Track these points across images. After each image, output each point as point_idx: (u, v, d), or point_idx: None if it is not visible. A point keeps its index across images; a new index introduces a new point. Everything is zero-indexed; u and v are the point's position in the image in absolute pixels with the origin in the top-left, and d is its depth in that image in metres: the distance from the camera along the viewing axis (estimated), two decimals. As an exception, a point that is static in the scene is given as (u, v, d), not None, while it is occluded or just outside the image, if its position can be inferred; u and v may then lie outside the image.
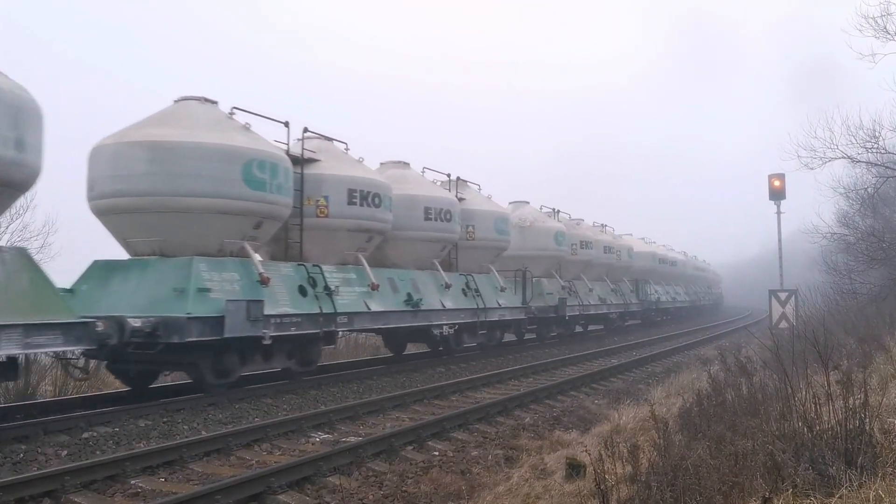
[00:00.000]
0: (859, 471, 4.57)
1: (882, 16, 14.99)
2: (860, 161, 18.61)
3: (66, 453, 7.81)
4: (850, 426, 4.91)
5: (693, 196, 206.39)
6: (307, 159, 14.17)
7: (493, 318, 18.62)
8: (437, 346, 17.62)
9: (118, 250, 12.30)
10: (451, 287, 17.19)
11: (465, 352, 18.18)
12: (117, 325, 9.84)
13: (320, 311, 12.73)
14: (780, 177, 19.83)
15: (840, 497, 4.28)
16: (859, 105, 35.00)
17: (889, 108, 34.37)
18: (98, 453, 7.80)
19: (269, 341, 11.48)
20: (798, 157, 18.24)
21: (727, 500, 4.28)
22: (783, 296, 17.10)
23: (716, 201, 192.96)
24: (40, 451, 7.83)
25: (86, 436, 8.54)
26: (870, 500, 4.15)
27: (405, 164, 18.13)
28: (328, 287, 13.18)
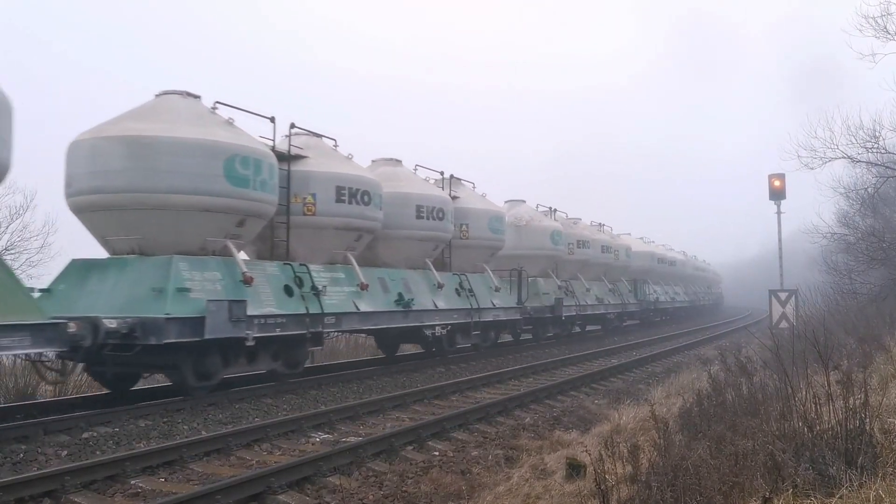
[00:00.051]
0: (859, 471, 4.57)
1: (882, 16, 15.01)
2: (860, 161, 18.63)
3: (66, 453, 7.80)
4: (851, 426, 4.91)
5: (693, 196, 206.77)
6: (294, 156, 13.83)
7: (488, 319, 18.30)
8: (431, 347, 17.31)
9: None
10: (443, 287, 16.88)
11: (458, 353, 17.81)
12: (91, 326, 9.50)
13: (307, 311, 12.42)
14: (780, 177, 19.86)
15: (840, 497, 4.28)
16: (859, 105, 35.17)
17: (889, 107, 34.37)
18: (98, 453, 7.80)
19: (252, 343, 11.13)
20: (798, 157, 18.26)
21: (727, 500, 4.28)
22: (783, 296, 17.11)
23: (716, 201, 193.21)
24: (40, 451, 7.83)
25: (86, 436, 8.54)
26: (870, 500, 4.15)
27: (397, 161, 17.79)
28: (315, 287, 12.85)
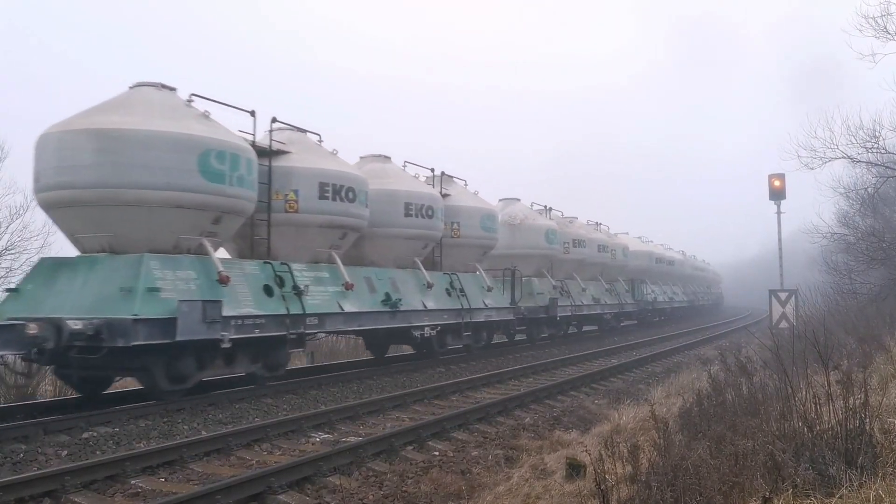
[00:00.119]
0: (859, 471, 4.58)
1: (882, 16, 14.99)
2: (860, 161, 18.61)
3: (66, 453, 7.80)
4: (851, 426, 4.91)
5: (693, 196, 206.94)
6: (276, 151, 13.38)
7: (479, 319, 17.97)
8: (421, 349, 16.93)
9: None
10: (433, 286, 16.47)
11: (449, 354, 17.45)
12: (54, 327, 9.14)
13: (287, 312, 11.98)
14: (780, 177, 19.86)
15: (840, 497, 4.29)
16: (859, 105, 35.24)
17: (889, 107, 34.46)
18: (98, 453, 7.80)
19: (228, 345, 10.69)
20: (798, 156, 18.24)
21: (727, 500, 4.28)
22: (783, 296, 17.12)
23: (716, 201, 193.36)
24: (40, 451, 7.83)
25: (86, 436, 8.54)
26: (870, 500, 4.16)
27: (386, 157, 17.41)
28: (297, 286, 12.42)
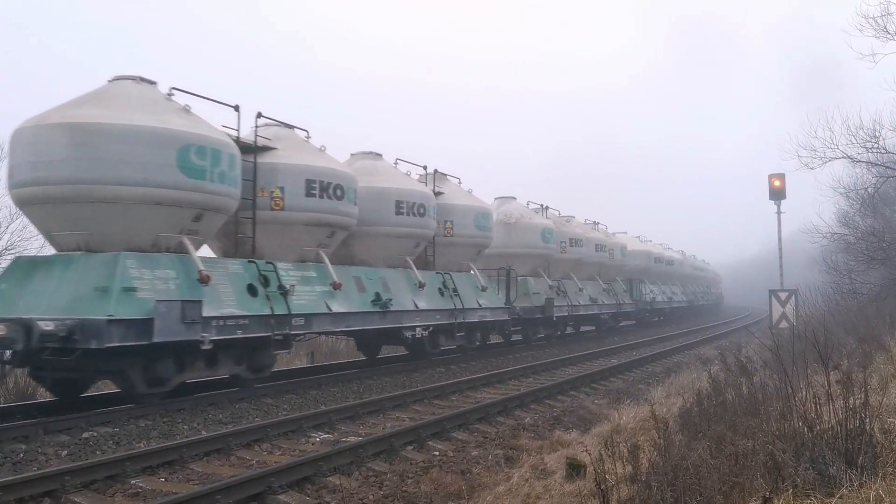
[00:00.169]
0: (859, 471, 4.58)
1: (882, 16, 14.97)
2: (860, 161, 18.60)
3: (66, 453, 7.80)
4: (851, 426, 4.91)
5: (693, 196, 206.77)
6: (261, 147, 13.01)
7: (473, 320, 17.64)
8: (414, 350, 16.57)
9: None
10: (425, 286, 16.17)
11: (441, 355, 17.09)
12: (23, 328, 8.85)
13: (272, 312, 11.64)
14: (780, 177, 19.86)
15: (840, 497, 4.29)
16: (859, 105, 35.30)
17: (889, 107, 34.47)
18: (98, 453, 7.80)
19: (209, 346, 10.36)
20: (798, 156, 18.22)
21: (727, 500, 4.28)
22: (783, 296, 17.14)
23: (716, 201, 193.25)
24: (40, 451, 7.83)
25: (86, 436, 8.54)
26: (870, 500, 4.16)
27: (377, 154, 17.07)
28: (282, 286, 12.07)
